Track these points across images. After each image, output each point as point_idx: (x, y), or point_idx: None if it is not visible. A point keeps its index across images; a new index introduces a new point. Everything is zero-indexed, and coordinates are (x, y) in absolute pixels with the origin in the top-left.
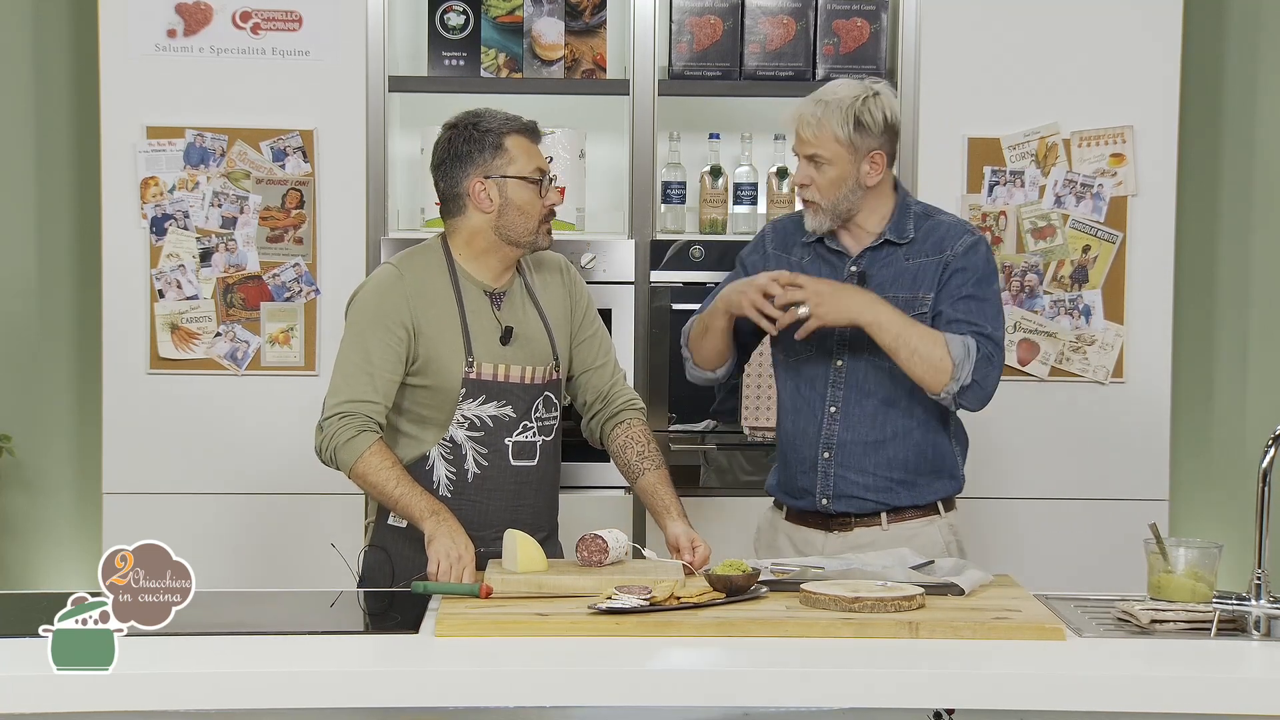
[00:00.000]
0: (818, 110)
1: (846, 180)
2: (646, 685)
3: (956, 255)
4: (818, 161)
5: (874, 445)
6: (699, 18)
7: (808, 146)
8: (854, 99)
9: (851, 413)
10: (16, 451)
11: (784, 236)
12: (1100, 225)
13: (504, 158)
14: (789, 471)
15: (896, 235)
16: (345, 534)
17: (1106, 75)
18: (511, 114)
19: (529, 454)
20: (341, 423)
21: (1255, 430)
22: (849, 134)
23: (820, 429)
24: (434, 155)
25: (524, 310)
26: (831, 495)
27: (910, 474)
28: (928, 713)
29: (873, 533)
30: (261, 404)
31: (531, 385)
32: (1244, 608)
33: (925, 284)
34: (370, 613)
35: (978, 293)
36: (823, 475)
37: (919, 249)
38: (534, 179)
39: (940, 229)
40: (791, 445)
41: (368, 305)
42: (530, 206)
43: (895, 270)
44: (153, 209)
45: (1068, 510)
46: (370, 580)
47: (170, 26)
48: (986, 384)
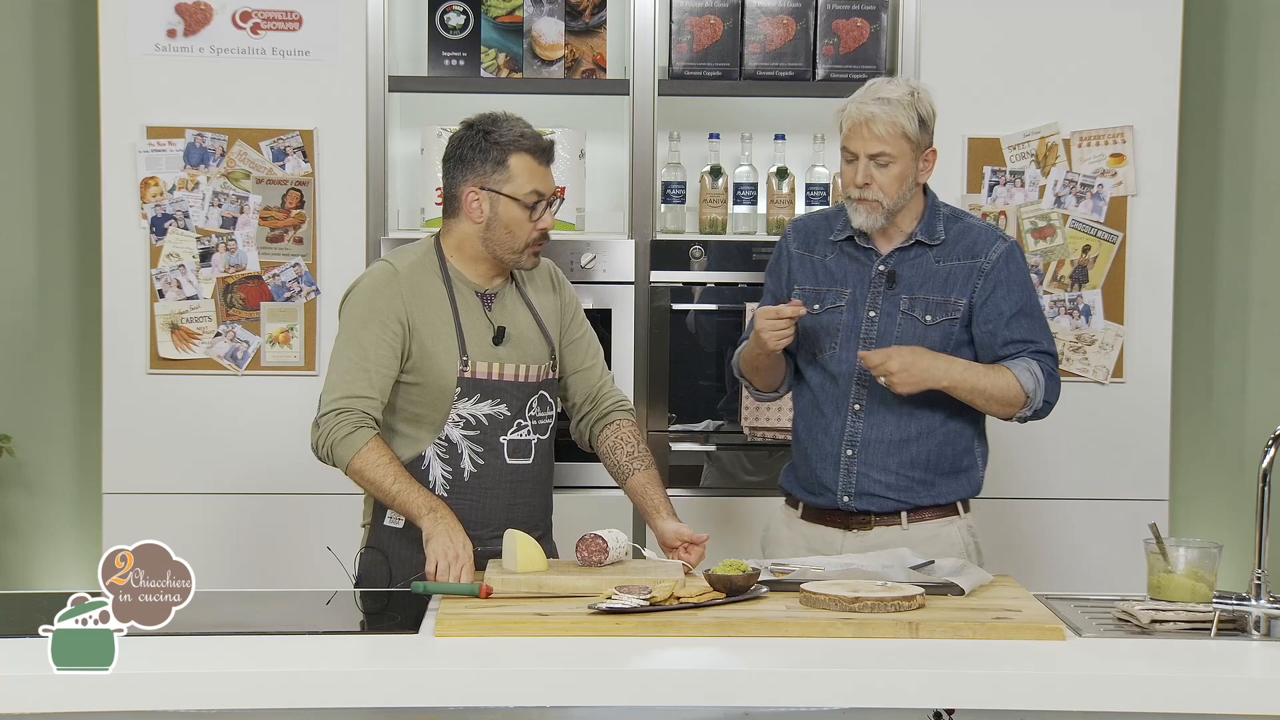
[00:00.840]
0: (884, 109)
1: (908, 177)
2: (646, 685)
3: (994, 264)
4: (882, 159)
5: (898, 444)
6: (699, 18)
7: (876, 144)
8: (911, 95)
9: (876, 410)
10: (16, 451)
11: (806, 236)
12: (1100, 225)
13: (503, 174)
14: (809, 468)
15: (928, 236)
16: (344, 534)
17: (1106, 75)
18: (530, 130)
19: (524, 452)
20: (338, 419)
21: (1255, 430)
22: (916, 130)
23: (845, 425)
24: (446, 149)
25: (516, 311)
26: (853, 493)
27: (931, 473)
28: (928, 713)
29: (892, 532)
30: (261, 404)
31: (525, 384)
32: (1244, 608)
33: (958, 289)
34: (367, 612)
35: (1026, 305)
36: (845, 472)
37: (950, 252)
38: (527, 202)
39: (971, 233)
40: (813, 441)
41: (363, 302)
42: (518, 228)
43: (925, 272)
44: (153, 209)
45: (1068, 510)
46: (368, 581)
47: (170, 26)
48: (1054, 399)
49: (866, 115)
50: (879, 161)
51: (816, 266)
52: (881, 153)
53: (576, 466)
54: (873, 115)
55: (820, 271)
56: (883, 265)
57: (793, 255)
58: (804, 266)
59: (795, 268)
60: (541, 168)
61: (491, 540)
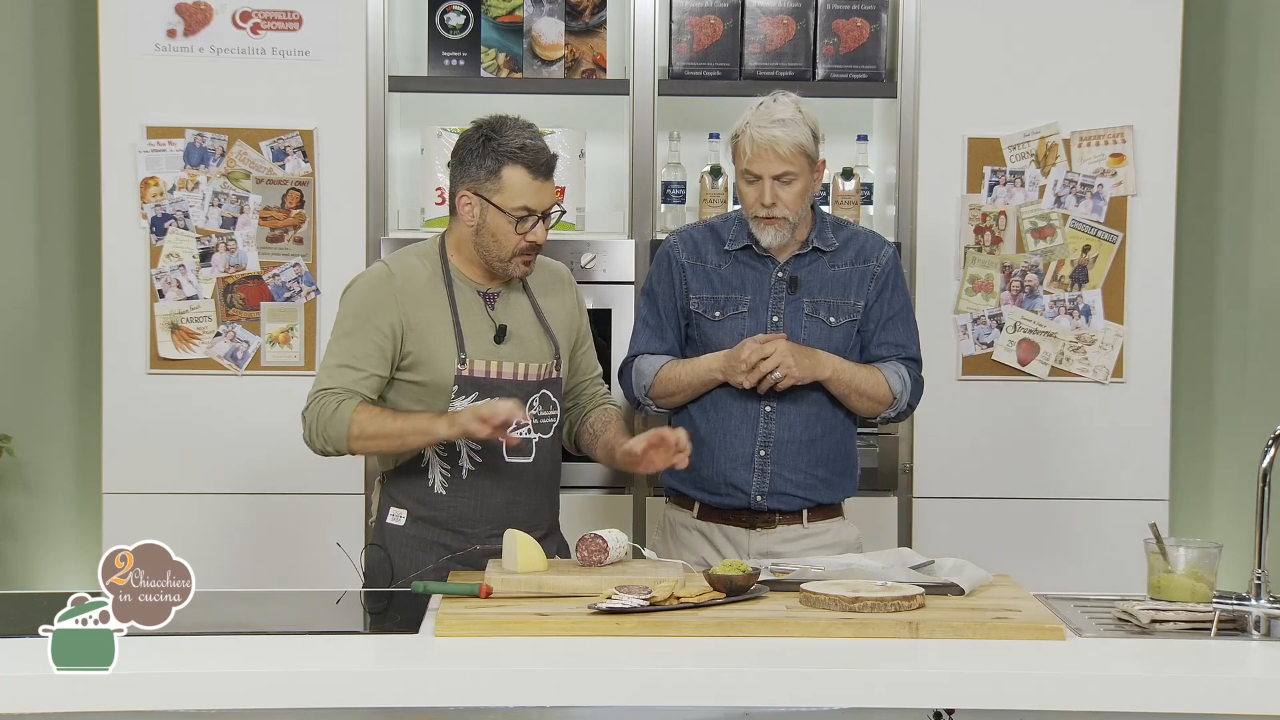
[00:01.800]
0: (784, 130)
1: (808, 191)
2: (646, 685)
3: (884, 268)
4: (786, 178)
5: (806, 444)
6: (699, 18)
7: (780, 165)
8: (799, 113)
9: (787, 411)
10: (16, 451)
11: (694, 246)
12: (1100, 225)
13: (495, 183)
14: (714, 468)
15: (822, 243)
16: (345, 534)
17: (1106, 75)
18: (533, 141)
19: (524, 451)
20: (321, 404)
21: (1255, 430)
22: (813, 146)
23: (757, 427)
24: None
25: (519, 310)
26: (766, 492)
27: (831, 473)
28: (928, 713)
29: (794, 530)
30: (261, 404)
31: (525, 382)
32: (1244, 608)
33: (854, 291)
34: (371, 612)
35: (903, 310)
36: (759, 472)
37: (842, 257)
38: (514, 216)
39: (859, 238)
40: (721, 443)
41: (355, 303)
42: (504, 238)
43: (823, 277)
44: (153, 209)
45: (1068, 510)
46: (370, 579)
47: (170, 26)
48: (915, 402)
49: (769, 139)
50: (783, 180)
51: (711, 275)
52: (785, 172)
53: (576, 467)
54: (775, 138)
55: (716, 280)
56: (781, 272)
57: (684, 266)
58: (698, 276)
59: (689, 277)
60: (536, 181)
61: (490, 539)
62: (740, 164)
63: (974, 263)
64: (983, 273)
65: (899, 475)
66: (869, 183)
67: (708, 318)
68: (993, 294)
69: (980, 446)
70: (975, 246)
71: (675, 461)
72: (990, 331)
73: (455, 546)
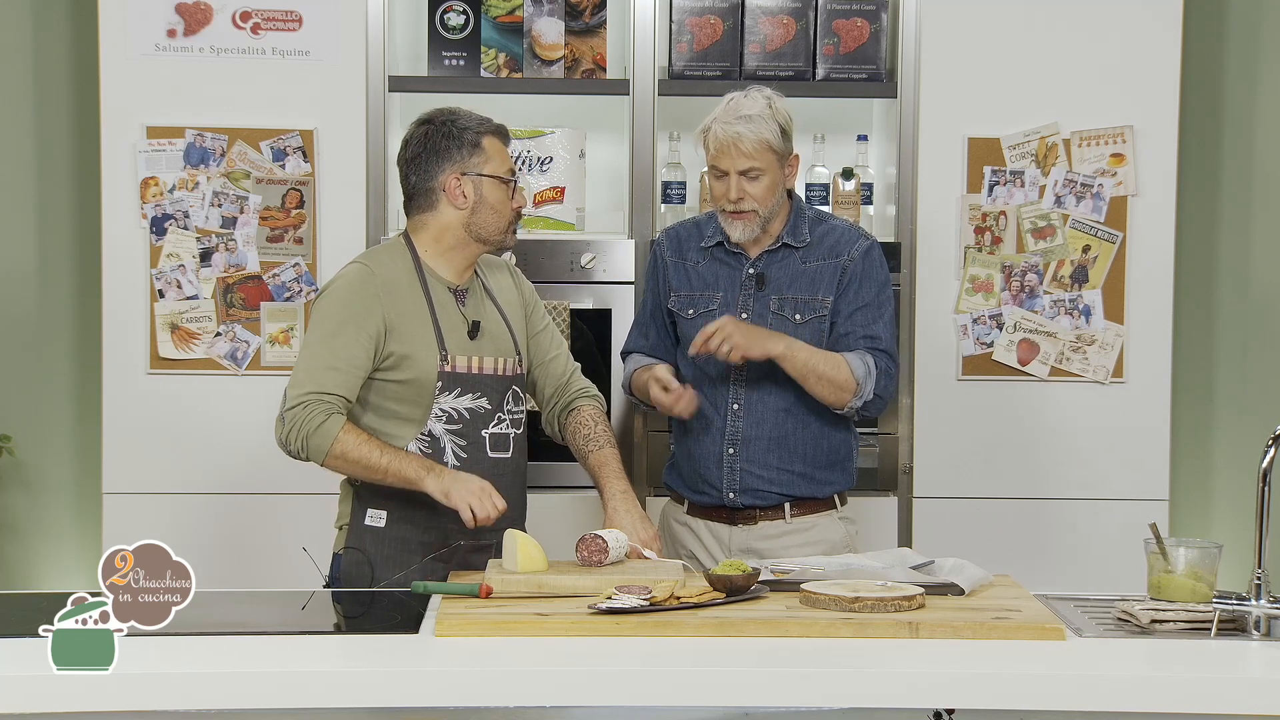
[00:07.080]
0: (749, 127)
1: (778, 186)
2: (646, 685)
3: (854, 260)
4: (752, 174)
5: (776, 440)
6: (699, 18)
7: (744, 161)
8: (769, 108)
9: (755, 409)
10: (16, 451)
11: (678, 243)
12: (1100, 225)
13: (480, 156)
14: (692, 466)
15: (793, 238)
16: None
17: (1106, 75)
18: (483, 115)
19: (504, 446)
20: (306, 411)
21: (1255, 430)
22: (780, 142)
23: (725, 425)
24: (406, 149)
25: (484, 306)
26: (738, 489)
27: (809, 467)
28: (928, 713)
29: (777, 525)
30: (262, 404)
31: (502, 377)
32: (1244, 608)
33: (823, 287)
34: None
35: (875, 301)
36: (728, 470)
37: (814, 252)
38: (506, 179)
39: (835, 233)
40: (696, 440)
41: (339, 302)
42: (503, 206)
43: (792, 272)
44: (153, 209)
45: (1068, 510)
46: (348, 582)
47: (170, 26)
48: (886, 395)
49: (733, 135)
50: (749, 176)
51: (690, 272)
52: (751, 168)
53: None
54: (739, 135)
55: (694, 277)
56: (751, 268)
57: (668, 263)
58: (678, 273)
59: (671, 274)
60: (505, 148)
61: (476, 534)
62: (708, 159)
63: (974, 263)
64: (983, 273)
65: (899, 475)
66: (869, 183)
67: (683, 315)
68: (993, 294)
69: (980, 446)
70: (975, 246)
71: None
72: (990, 331)
73: (438, 545)
